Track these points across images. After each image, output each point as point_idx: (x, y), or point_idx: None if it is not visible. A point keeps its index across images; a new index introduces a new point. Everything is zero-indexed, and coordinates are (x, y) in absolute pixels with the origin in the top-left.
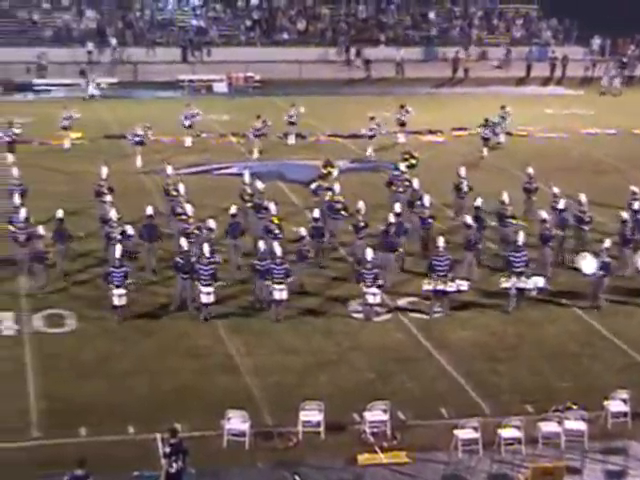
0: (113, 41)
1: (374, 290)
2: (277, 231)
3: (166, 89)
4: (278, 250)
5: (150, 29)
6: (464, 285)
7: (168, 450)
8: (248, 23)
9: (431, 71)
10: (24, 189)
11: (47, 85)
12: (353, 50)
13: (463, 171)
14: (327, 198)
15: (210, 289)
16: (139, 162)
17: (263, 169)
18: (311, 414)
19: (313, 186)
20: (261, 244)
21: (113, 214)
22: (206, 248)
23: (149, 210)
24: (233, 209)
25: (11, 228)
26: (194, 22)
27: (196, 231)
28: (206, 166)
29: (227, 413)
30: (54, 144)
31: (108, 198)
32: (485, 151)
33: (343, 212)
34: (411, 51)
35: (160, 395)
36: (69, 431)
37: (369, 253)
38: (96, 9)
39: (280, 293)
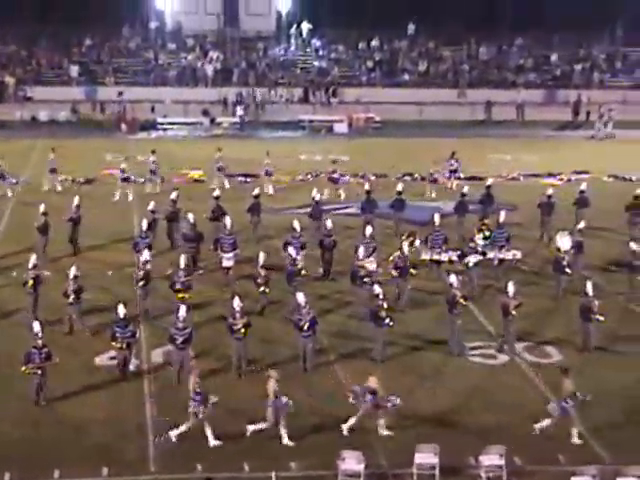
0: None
1: None
2: None
3: (287, 129)
4: None
5: (272, 70)
6: None
7: None
8: (369, 64)
9: (552, 114)
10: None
11: (170, 124)
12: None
13: None
14: None
15: None
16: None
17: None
18: (426, 456)
19: None
20: None
21: None
22: None
23: None
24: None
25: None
26: (316, 63)
27: None
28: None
29: (342, 453)
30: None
31: None
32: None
33: None
34: (532, 93)
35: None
36: None
37: None
38: (220, 50)
39: None
